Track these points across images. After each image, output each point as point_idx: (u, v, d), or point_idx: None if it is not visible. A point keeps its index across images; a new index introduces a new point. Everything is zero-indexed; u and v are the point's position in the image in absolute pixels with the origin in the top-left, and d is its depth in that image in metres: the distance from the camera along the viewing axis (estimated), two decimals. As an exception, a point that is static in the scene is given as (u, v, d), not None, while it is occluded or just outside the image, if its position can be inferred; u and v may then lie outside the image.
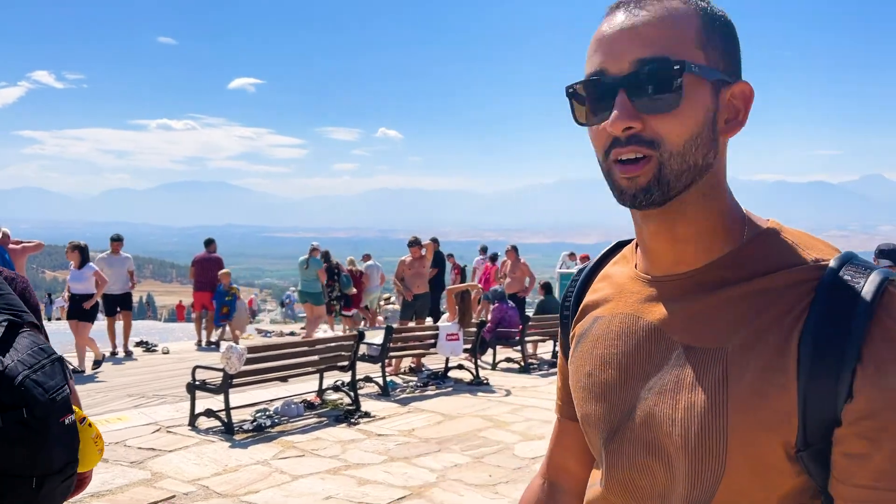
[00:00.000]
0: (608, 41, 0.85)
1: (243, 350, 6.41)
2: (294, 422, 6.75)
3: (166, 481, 4.97)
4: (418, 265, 10.29)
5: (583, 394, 1.00)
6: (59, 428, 1.62)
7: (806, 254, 0.84)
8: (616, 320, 0.96)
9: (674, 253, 0.90)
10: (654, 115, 0.82)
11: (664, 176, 0.83)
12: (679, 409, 0.85)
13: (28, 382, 1.56)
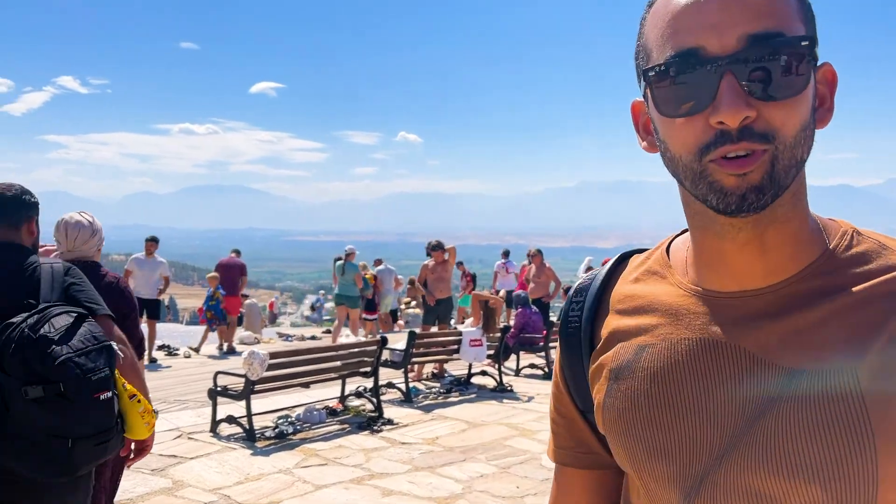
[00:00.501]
0: (702, 12, 0.69)
1: (265, 356, 6.33)
2: (316, 429, 6.65)
3: (188, 490, 4.89)
4: (441, 269, 10.18)
5: (642, 444, 0.80)
6: (93, 402, 2.09)
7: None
8: (680, 347, 0.78)
9: (759, 264, 0.76)
10: (770, 102, 0.68)
11: (777, 172, 0.69)
12: (801, 452, 0.69)
13: (68, 363, 2.04)
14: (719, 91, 0.68)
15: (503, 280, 14.85)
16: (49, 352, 2.05)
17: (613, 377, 0.84)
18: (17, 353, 2.06)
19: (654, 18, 0.75)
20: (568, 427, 0.97)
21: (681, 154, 0.73)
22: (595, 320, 0.91)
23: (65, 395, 2.05)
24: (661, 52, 0.72)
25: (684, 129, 0.71)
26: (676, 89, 0.71)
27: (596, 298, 0.92)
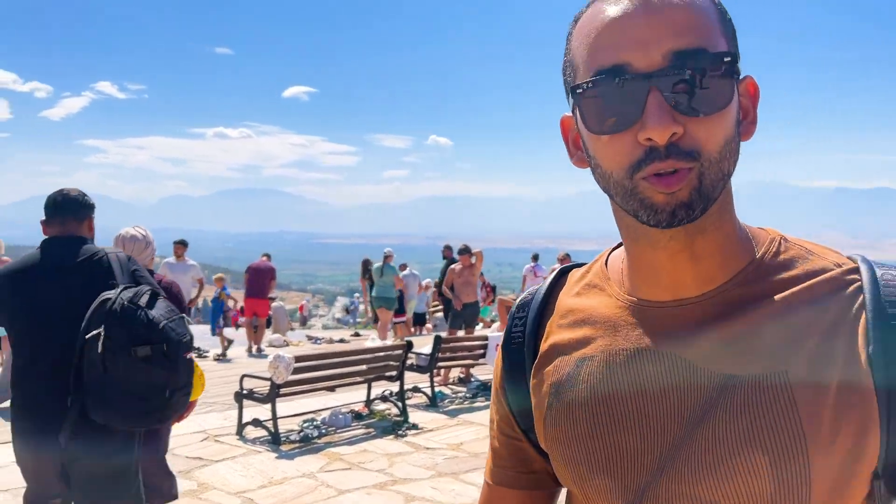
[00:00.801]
0: (626, 29, 0.69)
1: (290, 359, 6.35)
2: (341, 433, 6.66)
3: (212, 493, 4.92)
4: (468, 273, 10.15)
5: (583, 458, 0.80)
6: (183, 360, 2.66)
7: (825, 259, 0.77)
8: (618, 359, 0.79)
9: (691, 273, 0.77)
10: (695, 118, 0.68)
11: (704, 187, 0.70)
12: (738, 456, 0.70)
13: (167, 327, 2.60)
14: (646, 107, 0.68)
15: (532, 283, 14.73)
16: (151, 318, 2.59)
17: (554, 392, 0.84)
18: (122, 319, 2.55)
19: (580, 34, 0.75)
20: (508, 445, 0.96)
21: (612, 170, 0.73)
22: (537, 335, 0.91)
23: (166, 354, 2.59)
24: (588, 69, 0.72)
25: (613, 145, 0.71)
26: (604, 106, 0.71)
27: (538, 313, 0.92)
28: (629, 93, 0.68)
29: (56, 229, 2.94)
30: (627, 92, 0.69)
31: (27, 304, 2.80)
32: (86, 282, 2.74)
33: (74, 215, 2.94)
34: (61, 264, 2.83)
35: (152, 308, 2.64)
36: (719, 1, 0.75)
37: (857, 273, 0.75)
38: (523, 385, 0.91)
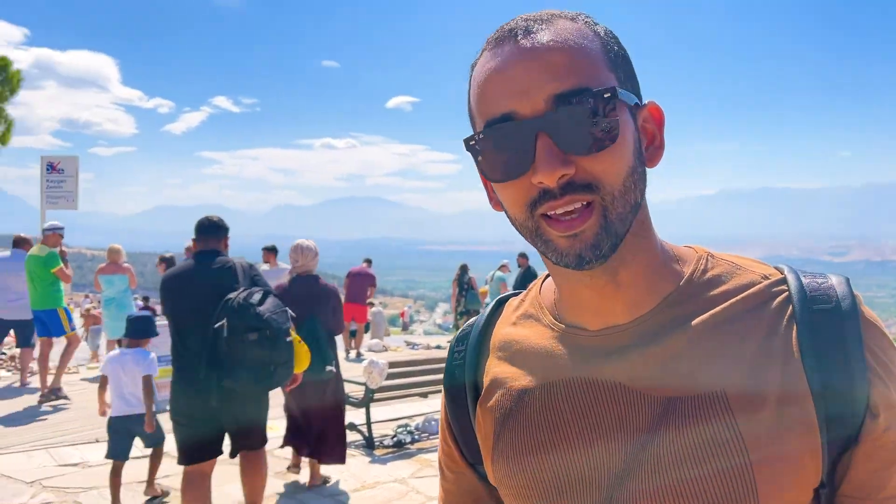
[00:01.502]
0: (508, 78, 0.70)
1: (384, 365, 6.46)
2: (433, 439, 6.71)
3: (307, 494, 5.06)
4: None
5: (534, 491, 0.79)
6: (284, 342, 3.66)
7: (752, 272, 0.77)
8: (558, 389, 0.79)
9: (618, 301, 0.77)
10: (587, 155, 0.69)
11: (610, 223, 0.70)
12: (684, 478, 0.69)
13: (270, 318, 3.60)
14: (536, 152, 0.68)
15: None
16: (258, 312, 3.60)
17: (499, 426, 0.83)
18: (238, 313, 3.60)
19: (473, 85, 0.76)
20: (458, 482, 0.95)
21: (515, 213, 0.74)
22: (477, 368, 0.89)
23: (269, 338, 3.61)
24: (480, 120, 0.74)
25: (512, 189, 0.72)
26: (497, 155, 0.72)
27: (476, 346, 0.91)
28: (518, 140, 0.69)
29: (202, 245, 4.04)
30: (516, 139, 0.70)
31: (181, 299, 3.92)
32: (219, 284, 3.80)
33: (214, 235, 4.05)
34: (204, 271, 3.90)
35: (262, 304, 3.68)
36: (606, 32, 0.75)
37: (784, 283, 0.75)
38: (467, 420, 0.90)
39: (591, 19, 0.75)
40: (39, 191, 10.05)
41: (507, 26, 0.74)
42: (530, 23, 0.72)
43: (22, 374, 8.93)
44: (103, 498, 4.85)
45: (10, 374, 9.83)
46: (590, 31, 0.73)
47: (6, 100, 16.36)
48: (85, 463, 5.62)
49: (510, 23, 0.74)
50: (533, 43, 0.70)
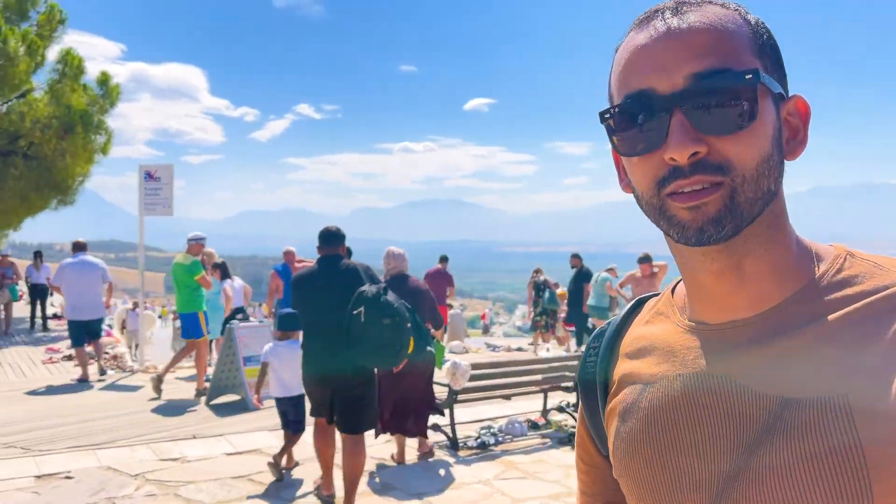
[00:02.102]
0: (650, 55, 0.72)
1: (467, 366, 6.50)
2: (517, 441, 6.70)
3: (395, 492, 5.15)
4: (646, 283, 9.84)
5: (646, 485, 0.80)
6: (406, 329, 4.39)
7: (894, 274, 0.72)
8: (675, 384, 0.79)
9: (743, 294, 0.75)
10: (722, 135, 0.69)
11: (737, 204, 0.70)
12: (794, 484, 0.67)
13: (398, 307, 4.37)
14: (670, 129, 0.70)
15: None
16: (390, 301, 4.37)
17: (621, 420, 0.85)
18: (373, 302, 4.33)
19: (615, 63, 0.78)
20: (593, 474, 0.98)
21: (642, 191, 0.75)
22: (609, 365, 0.92)
23: (398, 323, 4.35)
24: (618, 96, 0.76)
25: (642, 166, 0.74)
26: (631, 130, 0.73)
27: (610, 343, 0.93)
28: (654, 116, 0.71)
29: (325, 251, 4.82)
30: (652, 115, 0.71)
31: (311, 294, 4.73)
32: (343, 282, 4.59)
33: (335, 243, 4.85)
34: (329, 272, 4.73)
35: (389, 296, 4.44)
36: (758, 21, 0.75)
37: None
38: (598, 415, 0.92)
39: (743, 8, 0.76)
40: (137, 198, 10.59)
41: (655, 7, 0.76)
42: (679, 4, 0.74)
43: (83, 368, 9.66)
44: (200, 491, 5.07)
45: (113, 372, 10.38)
46: (739, 18, 0.74)
47: (107, 112, 17.29)
48: (184, 458, 5.89)
49: (659, 4, 0.76)
50: (679, 22, 0.72)
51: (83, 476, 5.38)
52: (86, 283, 9.49)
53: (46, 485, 5.19)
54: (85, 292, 9.45)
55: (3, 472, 5.42)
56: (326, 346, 4.59)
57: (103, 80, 17.45)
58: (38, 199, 17.16)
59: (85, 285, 9.48)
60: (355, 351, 4.38)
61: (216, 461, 5.86)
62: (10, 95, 15.86)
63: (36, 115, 15.81)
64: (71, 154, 16.19)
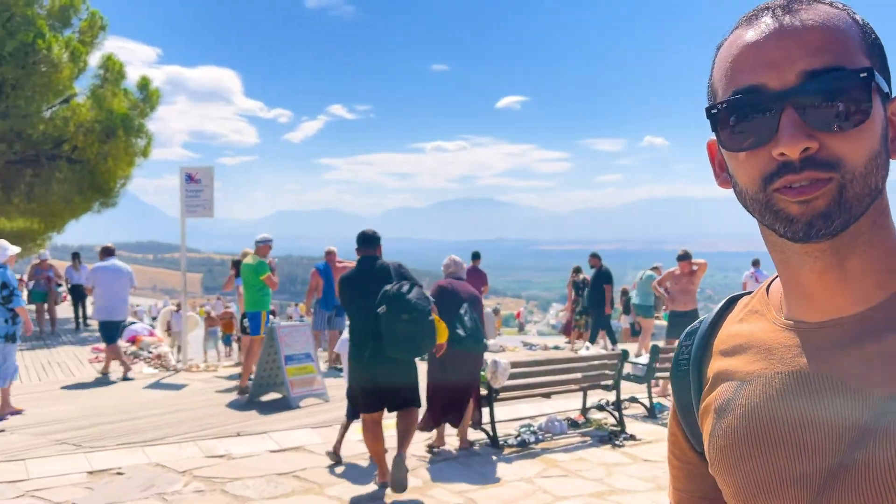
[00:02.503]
0: (761, 51, 0.72)
1: (507, 364, 6.51)
2: (557, 439, 6.70)
3: (437, 490, 5.19)
4: (685, 281, 9.74)
5: (744, 481, 0.80)
6: (427, 322, 4.90)
7: None
8: (774, 382, 0.78)
9: (845, 293, 0.75)
10: (833, 133, 0.70)
11: (846, 200, 0.70)
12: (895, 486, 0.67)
13: (416, 303, 4.84)
14: (780, 124, 0.70)
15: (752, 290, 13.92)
16: (408, 299, 4.82)
17: (716, 416, 0.85)
18: (394, 301, 4.80)
19: (720, 60, 0.79)
20: (685, 469, 0.98)
21: (747, 186, 0.75)
22: (702, 362, 0.92)
23: (417, 318, 4.80)
24: (725, 91, 0.76)
25: (749, 161, 0.74)
26: (739, 125, 0.74)
27: (703, 341, 0.94)
28: (764, 112, 0.71)
29: (364, 252, 5.28)
30: (762, 111, 0.71)
31: (355, 292, 5.14)
32: (381, 280, 5.03)
33: (372, 244, 5.29)
34: (369, 271, 5.16)
35: (410, 293, 4.87)
36: (865, 21, 0.76)
37: None
38: (692, 411, 0.93)
39: (850, 8, 0.76)
40: (175, 200, 10.82)
41: (764, 4, 0.76)
42: (790, 2, 0.74)
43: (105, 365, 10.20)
44: (247, 488, 5.16)
45: (156, 371, 10.60)
46: (848, 17, 0.74)
47: (147, 116, 17.66)
48: (229, 455, 6.00)
49: (769, 2, 0.76)
50: (790, 20, 0.72)
51: (134, 472, 5.51)
52: (117, 286, 10.03)
53: (99, 480, 5.34)
54: (116, 294, 9.98)
55: (56, 467, 5.58)
56: (371, 338, 4.95)
57: (143, 85, 17.83)
58: (81, 202, 17.60)
59: (116, 288, 10.02)
60: (383, 344, 4.84)
61: (261, 458, 5.96)
62: (55, 101, 16.28)
63: (79, 119, 16.21)
64: (113, 157, 16.57)
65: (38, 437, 6.53)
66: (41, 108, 16.12)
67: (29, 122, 15.51)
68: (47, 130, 16.18)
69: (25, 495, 4.99)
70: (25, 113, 15.30)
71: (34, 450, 6.05)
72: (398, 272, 5.13)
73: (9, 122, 15.16)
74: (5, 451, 5.98)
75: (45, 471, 5.50)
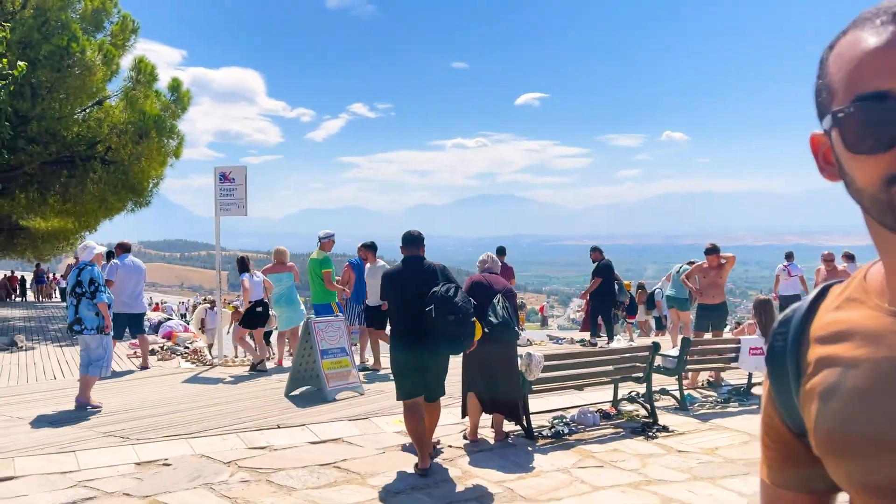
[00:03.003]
0: (887, 56, 0.75)
1: (541, 357, 6.62)
2: (591, 431, 6.80)
3: (475, 479, 5.31)
4: (714, 275, 9.77)
5: (856, 462, 0.83)
6: (469, 322, 5.27)
7: None
8: (883, 366, 0.81)
9: None
10: None
11: None
12: None
13: (462, 306, 5.23)
14: None
15: (785, 284, 14.09)
16: (456, 301, 5.21)
17: (821, 401, 0.89)
18: (442, 302, 5.18)
19: (839, 60, 0.81)
20: (781, 451, 1.02)
21: (866, 186, 0.78)
22: (799, 349, 0.96)
23: (462, 319, 5.21)
24: (848, 93, 0.79)
25: (870, 163, 0.77)
26: (863, 128, 0.77)
27: (799, 329, 0.97)
28: (889, 117, 0.75)
29: (408, 252, 5.70)
30: (888, 116, 0.75)
31: (398, 289, 5.57)
32: (426, 279, 5.44)
33: (417, 244, 5.72)
34: (415, 270, 5.60)
35: (456, 297, 5.26)
36: None
37: None
38: (790, 396, 0.97)
39: None
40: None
41: (884, 8, 0.78)
42: None
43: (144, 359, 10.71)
44: (291, 478, 5.32)
45: (193, 365, 10.82)
46: None
47: (178, 117, 17.96)
48: (271, 447, 6.17)
49: (888, 6, 0.78)
50: None
51: (180, 463, 5.70)
52: (133, 282, 10.58)
53: (147, 471, 5.52)
54: (133, 290, 10.55)
55: (105, 458, 5.78)
56: (412, 332, 5.39)
57: (175, 86, 18.11)
58: (115, 202, 17.94)
59: (132, 284, 10.57)
60: (429, 340, 5.28)
61: (301, 449, 6.12)
62: (88, 103, 16.60)
63: (112, 121, 16.53)
64: (146, 158, 16.88)
65: (87, 429, 6.74)
66: (75, 110, 16.46)
67: (63, 123, 15.85)
68: (81, 132, 16.52)
69: (78, 485, 5.18)
70: (60, 115, 15.65)
71: (83, 442, 6.26)
72: (444, 274, 5.52)
73: (44, 123, 15.51)
74: (56, 443, 6.19)
75: (94, 462, 5.70)
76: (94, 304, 7.72)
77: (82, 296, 7.70)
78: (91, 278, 7.72)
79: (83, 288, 7.70)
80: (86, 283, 7.69)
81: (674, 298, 12.34)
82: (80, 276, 7.75)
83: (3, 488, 5.13)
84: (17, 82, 12.19)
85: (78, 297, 7.72)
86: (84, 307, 7.71)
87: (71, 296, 7.84)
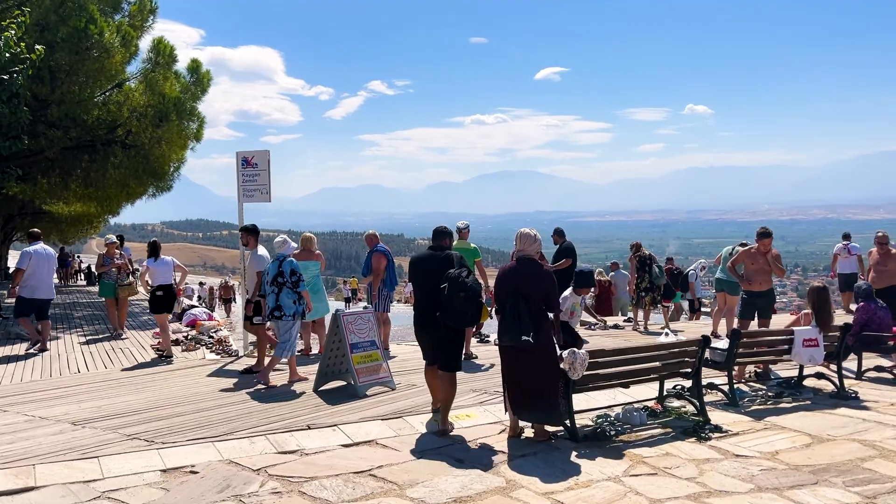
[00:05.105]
0: None
1: (585, 355, 6.21)
2: (638, 431, 6.41)
3: (521, 492, 4.93)
4: (762, 261, 9.27)
5: None
6: (478, 300, 6.14)
7: None
8: None
9: None
10: None
11: None
12: None
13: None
14: None
15: (843, 262, 14.98)
16: (466, 281, 6.02)
17: None
18: (454, 281, 6.01)
19: None
20: None
21: None
22: None
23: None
24: None
25: None
26: None
27: None
28: None
29: (435, 242, 6.59)
30: None
31: (422, 273, 6.43)
32: (443, 265, 6.24)
33: (441, 237, 6.65)
34: (437, 258, 6.40)
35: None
36: None
37: None
38: None
39: None
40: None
41: None
42: None
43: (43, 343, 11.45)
44: (324, 489, 4.99)
45: (218, 357, 10.57)
46: None
47: (199, 99, 17.64)
48: (302, 450, 5.85)
49: None
50: None
51: (208, 471, 5.39)
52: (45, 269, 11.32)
53: (173, 479, 5.23)
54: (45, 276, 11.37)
55: (130, 465, 5.49)
56: (431, 309, 6.21)
57: (194, 68, 17.77)
58: (137, 186, 17.74)
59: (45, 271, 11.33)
60: (442, 313, 6.06)
61: (333, 454, 5.80)
62: (108, 86, 16.31)
63: (132, 104, 16.23)
64: (167, 141, 16.61)
65: (110, 431, 6.47)
66: (95, 93, 16.19)
67: (83, 107, 15.59)
68: (101, 116, 16.25)
69: (102, 497, 4.90)
70: (80, 98, 15.38)
71: (107, 446, 5.98)
72: (459, 261, 6.30)
73: (64, 108, 15.26)
74: (79, 447, 5.92)
75: (119, 469, 5.41)
76: (295, 292, 8.44)
77: (283, 285, 8.41)
78: (292, 269, 8.49)
79: (284, 278, 8.42)
80: (287, 274, 8.44)
81: (724, 282, 11.78)
82: (282, 266, 8.46)
83: (24, 501, 4.86)
84: (36, 66, 11.90)
85: (280, 286, 8.41)
86: (284, 295, 8.41)
87: (272, 285, 8.47)
